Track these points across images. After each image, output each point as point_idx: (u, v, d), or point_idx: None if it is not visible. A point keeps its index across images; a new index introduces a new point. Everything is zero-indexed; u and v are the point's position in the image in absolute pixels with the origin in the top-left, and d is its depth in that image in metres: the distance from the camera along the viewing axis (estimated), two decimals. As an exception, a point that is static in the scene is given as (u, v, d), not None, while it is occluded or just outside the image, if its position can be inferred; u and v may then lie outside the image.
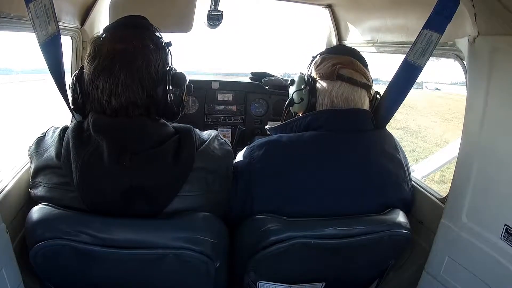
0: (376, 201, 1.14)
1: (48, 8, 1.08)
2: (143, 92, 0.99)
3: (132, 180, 0.91)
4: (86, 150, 0.93)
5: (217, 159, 1.07)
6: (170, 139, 0.99)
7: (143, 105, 1.00)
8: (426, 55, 1.19)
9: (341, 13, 2.07)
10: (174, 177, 0.96)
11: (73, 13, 1.67)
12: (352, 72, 1.23)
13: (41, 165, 1.01)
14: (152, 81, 1.00)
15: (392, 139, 1.26)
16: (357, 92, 1.22)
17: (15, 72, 9.85)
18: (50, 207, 0.95)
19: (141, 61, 0.98)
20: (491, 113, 1.08)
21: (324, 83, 1.24)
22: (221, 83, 2.25)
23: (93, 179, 0.92)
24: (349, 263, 1.15)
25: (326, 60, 1.28)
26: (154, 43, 1.02)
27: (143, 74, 0.98)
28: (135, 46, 0.99)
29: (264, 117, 2.31)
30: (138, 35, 1.01)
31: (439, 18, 1.13)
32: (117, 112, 0.99)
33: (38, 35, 1.09)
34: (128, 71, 0.97)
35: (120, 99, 0.97)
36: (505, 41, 1.02)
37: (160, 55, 1.02)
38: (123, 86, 0.97)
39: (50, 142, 1.03)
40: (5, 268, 0.97)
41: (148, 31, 1.05)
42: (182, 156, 0.97)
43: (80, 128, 0.98)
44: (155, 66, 1.00)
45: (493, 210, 1.08)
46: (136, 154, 0.93)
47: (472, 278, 1.12)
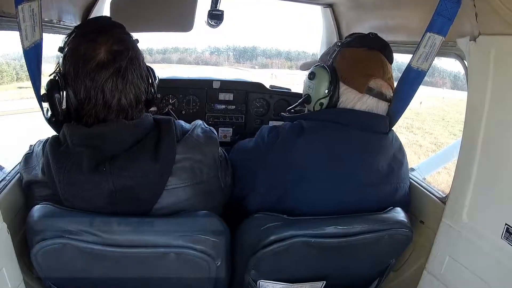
0: (377, 199, 1.14)
1: (36, 13, 1.05)
2: (145, 87, 1.02)
3: (114, 184, 0.92)
4: (66, 163, 0.93)
5: (201, 146, 1.06)
6: (148, 134, 0.98)
7: (144, 100, 1.03)
8: (430, 59, 1.18)
9: (342, 13, 2.07)
10: (156, 172, 0.96)
11: (74, 13, 1.67)
12: (382, 84, 1.19)
13: (31, 180, 1.04)
14: (146, 76, 1.03)
15: (398, 141, 1.26)
16: (381, 105, 1.21)
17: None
18: (51, 205, 0.96)
19: (138, 59, 1.00)
20: (492, 113, 1.08)
21: (350, 93, 1.20)
22: (222, 83, 2.25)
23: (77, 190, 0.94)
24: (350, 262, 1.15)
25: (357, 62, 1.21)
26: (131, 39, 1.04)
27: (142, 70, 1.01)
28: (129, 47, 0.99)
29: (264, 117, 2.31)
30: (123, 36, 1.01)
31: (441, 19, 1.13)
32: (121, 113, 0.99)
33: (23, 40, 1.05)
34: (134, 70, 0.98)
35: (129, 97, 0.98)
36: (506, 41, 1.02)
37: (138, 49, 1.04)
38: (130, 85, 0.98)
39: (36, 160, 1.05)
40: (5, 268, 0.97)
41: (123, 30, 1.04)
42: (162, 150, 0.96)
43: (57, 142, 0.98)
44: (143, 61, 1.04)
45: (493, 209, 1.08)
46: (115, 157, 0.93)
47: (473, 277, 1.11)
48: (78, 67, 0.95)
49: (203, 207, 1.03)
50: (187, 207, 1.02)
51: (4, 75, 16.02)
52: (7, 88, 15.70)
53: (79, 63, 0.94)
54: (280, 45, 26.69)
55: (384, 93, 1.20)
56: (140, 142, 0.96)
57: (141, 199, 0.96)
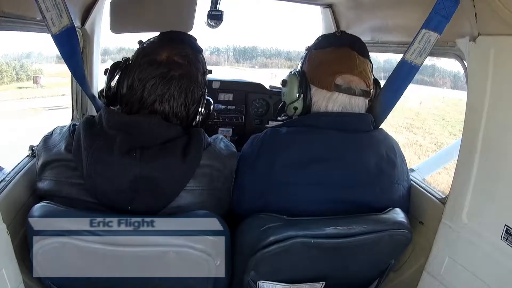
0: (369, 200, 1.14)
1: (59, 2, 1.14)
2: (184, 107, 1.08)
3: (141, 171, 0.96)
4: (98, 141, 0.97)
5: (222, 158, 1.12)
6: (179, 138, 1.04)
7: (181, 117, 1.08)
8: (424, 55, 1.19)
9: (342, 13, 2.06)
10: (182, 171, 1.01)
11: (74, 13, 1.67)
12: (351, 79, 1.18)
13: (50, 159, 1.04)
14: (192, 100, 1.09)
15: (389, 141, 1.24)
16: (354, 102, 1.20)
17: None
18: (52, 205, 0.96)
19: (192, 81, 1.08)
20: (491, 113, 1.08)
21: (320, 93, 1.21)
22: (221, 83, 2.25)
23: (103, 168, 0.96)
24: (349, 263, 1.15)
25: (323, 63, 1.22)
26: (203, 68, 1.13)
27: (189, 92, 1.08)
28: (191, 66, 1.08)
29: (264, 117, 2.31)
30: (195, 57, 1.11)
31: (438, 17, 1.13)
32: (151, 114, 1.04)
33: (50, 29, 1.15)
34: (179, 85, 1.05)
35: (164, 106, 1.05)
36: (505, 41, 1.02)
37: (203, 80, 1.13)
38: (170, 95, 1.05)
39: (58, 138, 1.08)
40: (5, 268, 0.97)
41: (200, 55, 1.14)
42: (190, 153, 1.02)
43: (91, 122, 1.04)
44: (198, 88, 1.10)
45: (493, 210, 1.08)
46: (146, 148, 0.98)
47: (472, 278, 1.11)
48: (139, 58, 1.07)
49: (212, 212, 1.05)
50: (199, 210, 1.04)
51: (4, 75, 16.02)
52: (7, 88, 15.69)
53: (141, 55, 1.07)
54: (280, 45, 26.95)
55: (353, 88, 1.18)
56: (171, 141, 1.02)
57: (161, 193, 1.00)
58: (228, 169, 1.14)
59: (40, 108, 11.98)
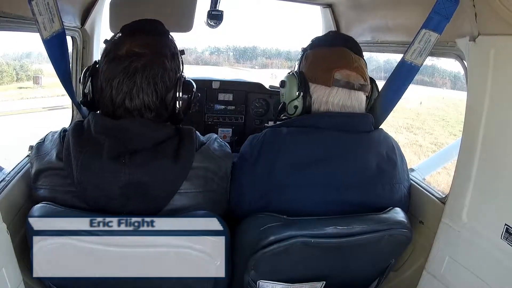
0: (370, 200, 1.13)
1: (52, 6, 1.12)
2: (156, 97, 1.02)
3: (131, 176, 0.93)
4: (87, 148, 0.95)
5: (217, 159, 1.09)
6: (170, 139, 1.01)
7: (156, 108, 1.03)
8: (424, 55, 1.19)
9: (342, 13, 2.06)
10: (174, 174, 0.98)
11: (74, 13, 1.68)
12: (349, 74, 1.19)
13: (42, 168, 1.03)
14: (165, 88, 1.03)
15: (389, 141, 1.24)
16: (354, 96, 1.20)
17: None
18: (51, 205, 0.96)
19: (158, 68, 1.01)
20: (491, 113, 1.08)
21: (319, 90, 1.20)
22: (221, 83, 2.25)
23: (92, 175, 0.94)
24: (350, 262, 1.15)
25: (319, 60, 1.23)
26: (170, 51, 1.06)
27: (158, 80, 1.02)
28: (153, 52, 1.02)
29: (264, 117, 2.31)
30: (157, 42, 1.05)
31: (438, 17, 1.13)
32: (129, 113, 1.01)
33: (42, 32, 1.13)
34: (144, 76, 1.00)
35: (134, 102, 1.00)
36: (505, 41, 1.02)
37: (174, 63, 1.06)
38: (138, 89, 1.00)
39: (50, 146, 1.06)
40: (5, 268, 0.97)
41: (166, 39, 1.09)
42: (182, 155, 0.99)
43: (80, 128, 1.01)
44: (169, 73, 1.04)
45: (493, 209, 1.08)
46: (136, 152, 0.95)
47: (473, 277, 1.11)
48: (103, 57, 1.03)
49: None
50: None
51: (4, 75, 16.02)
52: (7, 88, 15.70)
53: (104, 54, 1.03)
54: (280, 45, 26.87)
55: (352, 82, 1.18)
56: (161, 143, 0.99)
57: (153, 197, 0.98)
58: (223, 170, 1.11)
59: (40, 108, 11.99)
